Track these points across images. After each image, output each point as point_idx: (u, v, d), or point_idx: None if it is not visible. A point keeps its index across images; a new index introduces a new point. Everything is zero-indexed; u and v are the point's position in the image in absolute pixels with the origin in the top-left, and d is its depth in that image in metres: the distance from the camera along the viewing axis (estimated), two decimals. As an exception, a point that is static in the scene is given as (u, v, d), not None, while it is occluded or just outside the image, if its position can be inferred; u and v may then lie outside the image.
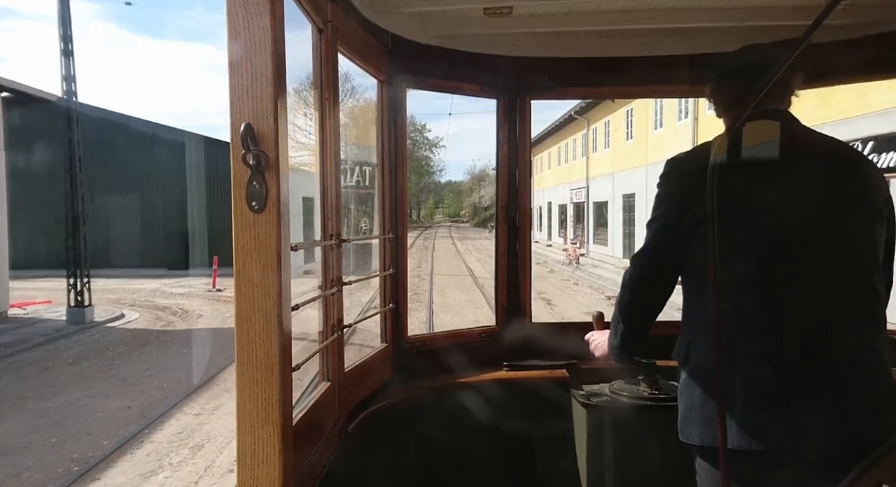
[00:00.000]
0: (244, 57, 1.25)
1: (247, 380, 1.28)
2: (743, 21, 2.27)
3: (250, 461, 1.29)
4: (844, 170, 1.67)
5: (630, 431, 2.20)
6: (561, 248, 35.97)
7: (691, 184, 1.68)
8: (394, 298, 2.51)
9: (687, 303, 1.75)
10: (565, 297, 18.34)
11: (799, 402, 1.52)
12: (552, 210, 45.52)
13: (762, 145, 1.62)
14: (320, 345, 1.84)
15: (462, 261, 31.06)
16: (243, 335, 1.28)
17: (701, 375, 1.65)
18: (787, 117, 1.70)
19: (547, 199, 47.15)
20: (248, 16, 1.24)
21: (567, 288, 20.55)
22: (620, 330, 1.88)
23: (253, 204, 1.25)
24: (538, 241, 45.14)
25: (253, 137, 1.23)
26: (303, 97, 9.70)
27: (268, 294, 1.26)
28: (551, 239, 44.97)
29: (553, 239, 44.24)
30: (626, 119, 27.27)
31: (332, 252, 1.87)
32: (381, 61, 2.35)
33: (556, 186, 43.07)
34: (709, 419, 1.61)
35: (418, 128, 77.40)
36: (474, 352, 2.65)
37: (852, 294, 1.60)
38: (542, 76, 2.68)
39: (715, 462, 1.63)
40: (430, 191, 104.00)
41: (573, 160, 38.09)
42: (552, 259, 31.78)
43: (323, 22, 1.77)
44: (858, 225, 1.63)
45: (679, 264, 1.72)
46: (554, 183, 43.85)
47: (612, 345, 1.93)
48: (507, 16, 2.28)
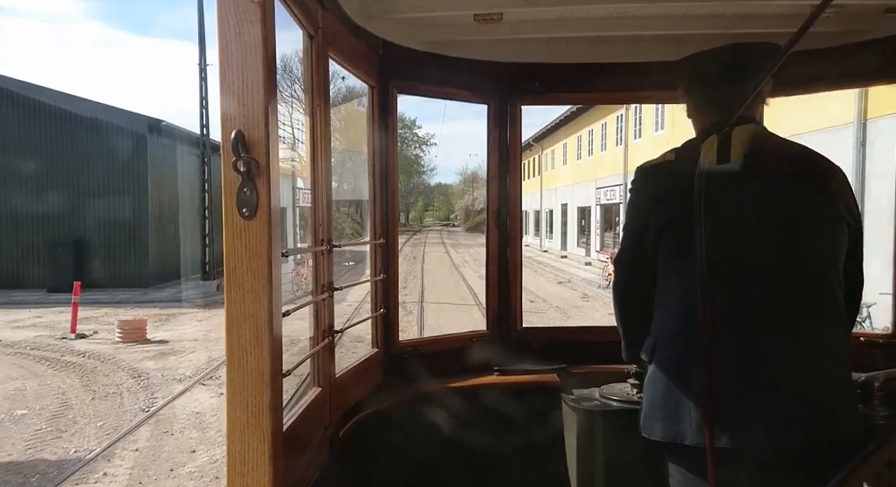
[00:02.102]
0: (235, 64, 1.25)
1: (237, 387, 1.28)
2: (729, 28, 2.30)
3: (240, 468, 1.29)
4: (807, 175, 1.70)
5: (620, 434, 2.20)
6: (583, 262, 29.07)
7: (657, 191, 1.76)
8: (385, 303, 2.51)
9: (655, 305, 1.79)
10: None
11: (754, 403, 1.56)
12: (567, 213, 36.36)
13: (751, 154, 1.65)
14: (311, 351, 1.84)
15: (460, 278, 24.23)
16: (234, 341, 1.28)
17: (663, 373, 1.69)
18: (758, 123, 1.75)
19: (561, 200, 38.09)
20: (240, 24, 1.24)
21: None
22: (621, 332, 1.96)
23: (244, 210, 1.25)
24: (547, 250, 39.16)
25: (244, 144, 1.24)
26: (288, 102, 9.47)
27: (258, 300, 1.26)
28: (566, 248, 36.20)
29: (569, 248, 35.49)
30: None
31: (323, 257, 1.87)
32: (372, 67, 2.36)
33: (574, 185, 34.64)
34: (669, 416, 1.64)
35: (407, 124, 74.67)
36: (465, 357, 2.66)
37: (810, 299, 1.63)
38: (533, 82, 2.70)
39: (674, 458, 1.68)
40: (420, 192, 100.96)
41: (602, 151, 30.18)
42: (577, 277, 23.97)
43: (314, 28, 1.78)
44: (819, 230, 1.66)
45: (654, 264, 1.76)
46: (571, 181, 35.25)
47: (623, 348, 1.99)
48: (497, 22, 2.29)
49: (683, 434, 1.61)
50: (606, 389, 2.34)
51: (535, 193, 45.91)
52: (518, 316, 2.80)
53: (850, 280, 1.72)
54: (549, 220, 42.69)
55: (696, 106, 1.87)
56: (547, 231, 43.05)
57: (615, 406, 2.24)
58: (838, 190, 1.71)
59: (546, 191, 43.21)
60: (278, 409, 1.33)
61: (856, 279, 1.79)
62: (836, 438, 1.55)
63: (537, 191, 45.31)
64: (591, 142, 32.12)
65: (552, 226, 41.43)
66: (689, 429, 1.59)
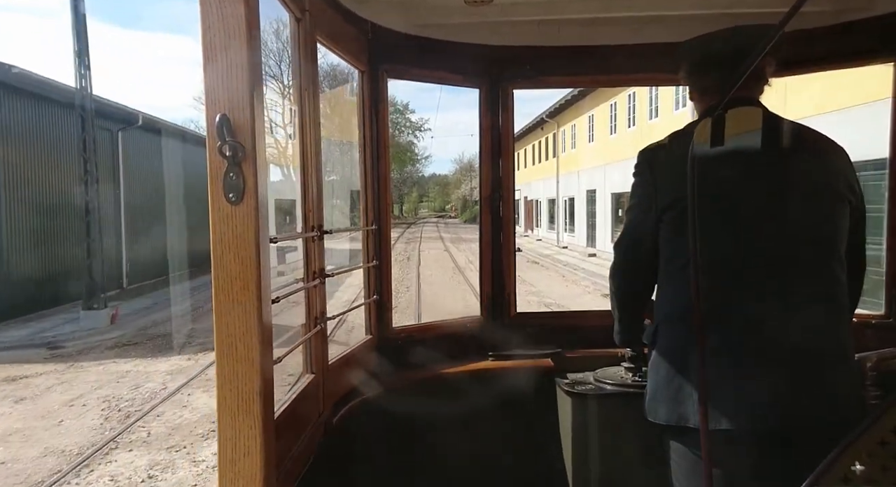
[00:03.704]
0: (219, 47, 1.23)
1: (226, 374, 1.27)
2: (725, 8, 2.27)
3: (232, 454, 1.28)
4: (810, 155, 1.70)
5: (615, 418, 2.22)
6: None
7: (659, 172, 1.75)
8: (378, 290, 2.50)
9: (657, 290, 1.80)
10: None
11: (753, 384, 1.57)
12: (596, 201, 28.39)
13: (745, 134, 1.64)
14: (303, 338, 1.83)
15: (469, 289, 16.40)
16: (222, 328, 1.26)
17: (666, 356, 1.70)
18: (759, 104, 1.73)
19: (586, 186, 30.07)
20: (222, 5, 1.22)
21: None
22: (617, 316, 1.96)
23: (230, 195, 1.24)
24: (567, 247, 31.74)
25: (229, 128, 1.22)
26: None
27: (247, 287, 1.25)
28: (594, 244, 28.28)
29: (599, 244, 27.33)
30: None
31: (314, 244, 1.86)
32: (362, 51, 2.33)
33: (605, 166, 26.72)
34: (672, 398, 1.65)
35: (399, 109, 68.87)
36: (459, 343, 2.66)
37: (811, 279, 1.63)
38: (524, 65, 2.67)
39: (679, 439, 1.69)
40: (415, 182, 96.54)
41: (650, 120, 23.07)
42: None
43: (300, 10, 1.75)
44: (820, 211, 1.66)
45: (656, 248, 1.76)
46: (601, 161, 27.30)
47: (616, 332, 1.99)
48: (487, 4, 2.26)
49: (686, 416, 1.62)
50: (601, 373, 2.35)
51: (547, 179, 38.28)
52: (512, 301, 2.80)
53: (851, 260, 1.72)
54: (568, 210, 34.09)
55: (698, 89, 1.86)
56: (566, 223, 34.74)
57: (609, 390, 2.25)
58: (842, 169, 1.70)
59: (565, 175, 35.08)
60: (269, 396, 1.32)
61: (858, 259, 1.79)
62: (836, 420, 1.55)
63: (552, 176, 37.12)
64: (633, 109, 24.79)
65: (573, 217, 33.14)
66: (692, 412, 1.60)
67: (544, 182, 39.38)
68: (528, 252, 30.08)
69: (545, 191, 39.53)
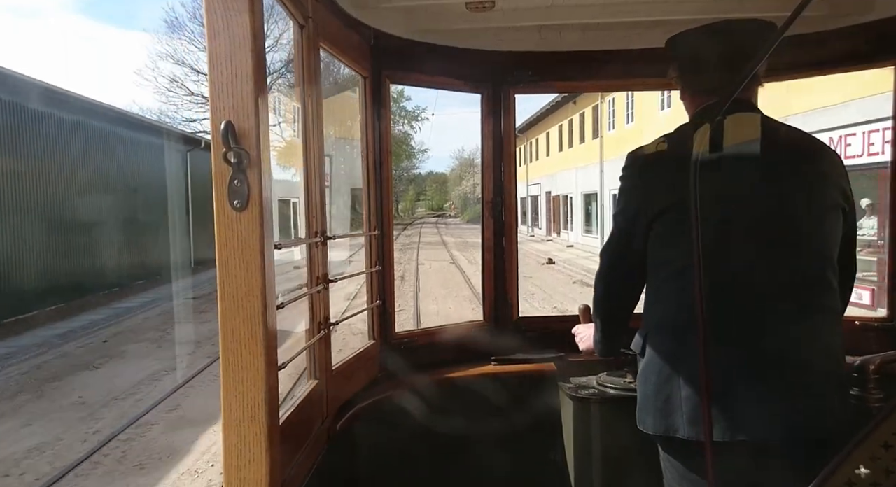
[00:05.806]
0: (224, 54, 1.23)
1: (231, 380, 1.27)
2: (726, 13, 2.28)
3: (237, 461, 1.29)
4: (806, 164, 1.67)
5: (617, 422, 2.21)
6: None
7: (649, 179, 1.71)
8: (381, 295, 2.50)
9: (644, 297, 1.77)
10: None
11: (741, 394, 1.54)
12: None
13: (745, 143, 1.62)
14: (307, 343, 1.83)
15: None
16: (227, 334, 1.27)
17: (655, 367, 1.67)
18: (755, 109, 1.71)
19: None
20: (228, 13, 1.23)
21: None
22: (599, 323, 1.92)
23: (235, 202, 1.24)
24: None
25: (234, 135, 1.22)
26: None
27: (251, 292, 1.26)
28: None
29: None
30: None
31: (318, 249, 1.86)
32: (364, 57, 2.34)
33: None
34: (660, 409, 1.63)
35: (393, 96, 63.02)
36: (462, 347, 2.66)
37: (802, 286, 1.61)
38: (526, 70, 2.68)
39: (668, 449, 1.68)
40: (411, 180, 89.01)
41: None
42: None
43: (304, 18, 1.76)
44: (815, 219, 1.63)
45: (644, 256, 1.72)
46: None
47: (595, 340, 1.97)
48: (489, 10, 2.27)
49: (675, 426, 1.60)
50: (604, 377, 2.35)
51: (582, 167, 31.30)
52: (515, 305, 2.80)
53: (843, 267, 1.70)
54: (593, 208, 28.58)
55: (688, 87, 1.83)
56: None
57: (612, 394, 2.25)
58: (837, 176, 1.69)
59: (571, 171, 31.17)
60: (274, 402, 1.32)
61: (849, 266, 1.77)
62: (824, 431, 1.54)
63: (590, 164, 30.09)
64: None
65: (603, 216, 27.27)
66: (681, 422, 1.58)
67: (578, 172, 31.85)
68: (564, 264, 22.39)
69: (580, 183, 31.61)
